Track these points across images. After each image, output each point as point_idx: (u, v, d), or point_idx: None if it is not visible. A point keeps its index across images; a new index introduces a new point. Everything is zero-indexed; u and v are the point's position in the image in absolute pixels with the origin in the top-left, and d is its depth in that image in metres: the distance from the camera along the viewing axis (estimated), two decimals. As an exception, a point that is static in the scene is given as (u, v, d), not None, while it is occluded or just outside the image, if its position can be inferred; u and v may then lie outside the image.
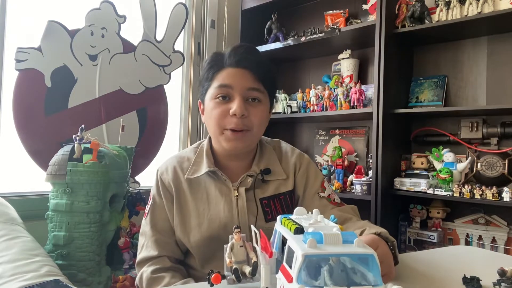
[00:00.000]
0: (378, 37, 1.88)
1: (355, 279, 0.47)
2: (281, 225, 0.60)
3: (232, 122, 0.94)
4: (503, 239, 1.75)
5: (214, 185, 1.00)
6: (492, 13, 1.65)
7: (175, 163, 1.06)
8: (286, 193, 1.03)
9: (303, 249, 0.46)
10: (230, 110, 0.93)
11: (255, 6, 2.44)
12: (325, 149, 2.39)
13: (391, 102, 1.92)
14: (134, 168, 1.84)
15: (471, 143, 1.88)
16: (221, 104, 0.95)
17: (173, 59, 2.12)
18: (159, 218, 1.02)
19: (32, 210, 1.54)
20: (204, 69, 1.01)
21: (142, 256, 1.00)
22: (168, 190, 1.02)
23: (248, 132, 0.96)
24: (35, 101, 1.70)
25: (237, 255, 0.64)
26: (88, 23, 1.83)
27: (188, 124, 2.44)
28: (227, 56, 0.98)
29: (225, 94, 0.95)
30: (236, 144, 0.96)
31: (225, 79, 0.95)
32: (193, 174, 1.01)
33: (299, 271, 0.45)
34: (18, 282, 0.98)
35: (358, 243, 0.48)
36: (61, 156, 1.45)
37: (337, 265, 0.48)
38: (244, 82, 0.95)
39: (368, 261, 0.47)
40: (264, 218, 0.99)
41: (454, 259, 0.91)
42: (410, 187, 1.86)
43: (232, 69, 0.96)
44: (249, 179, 1.00)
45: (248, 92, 0.95)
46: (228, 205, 0.98)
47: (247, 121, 0.95)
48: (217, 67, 0.97)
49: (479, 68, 1.93)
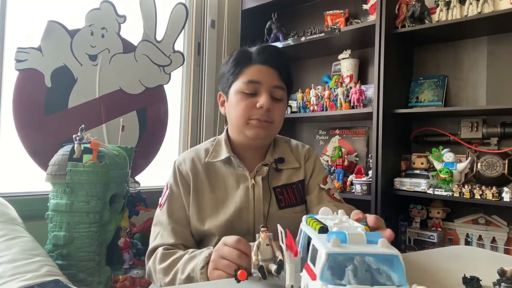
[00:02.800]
0: (378, 37, 1.88)
1: (379, 279, 0.47)
2: (306, 225, 0.61)
3: (258, 113, 1.00)
4: (503, 239, 1.75)
5: (231, 173, 1.05)
6: (492, 13, 1.65)
7: (192, 154, 1.09)
8: (298, 182, 1.09)
9: (326, 248, 0.47)
10: (257, 103, 1.00)
11: (255, 6, 2.44)
12: (325, 149, 2.39)
13: (391, 102, 1.92)
14: (134, 168, 1.84)
15: (471, 143, 1.88)
16: (248, 97, 1.01)
17: (173, 59, 2.12)
18: (176, 207, 1.03)
19: (32, 210, 1.54)
20: (229, 64, 1.06)
21: (157, 243, 0.99)
22: (185, 180, 1.05)
23: (271, 125, 1.03)
24: (35, 101, 1.70)
25: (264, 253, 0.65)
26: (88, 23, 1.83)
27: (188, 124, 2.44)
28: (255, 53, 1.03)
29: (252, 90, 1.01)
30: (260, 131, 1.02)
31: (254, 75, 1.01)
32: (214, 158, 1.06)
33: (322, 269, 0.46)
34: (18, 282, 0.98)
35: (383, 244, 0.48)
36: (61, 156, 1.45)
37: (361, 265, 0.48)
38: (271, 79, 1.02)
39: (393, 262, 0.48)
40: (278, 205, 1.04)
41: (454, 259, 0.91)
42: (410, 187, 1.86)
43: (261, 66, 1.02)
44: (264, 168, 1.06)
45: (274, 89, 1.02)
46: (244, 193, 1.02)
47: (272, 114, 1.01)
48: (245, 63, 1.03)
49: (479, 68, 1.93)
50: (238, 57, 1.05)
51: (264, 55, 1.02)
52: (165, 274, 0.91)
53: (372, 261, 0.48)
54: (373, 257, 0.48)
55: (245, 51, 1.06)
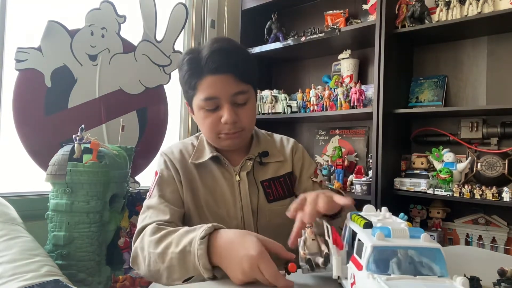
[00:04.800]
0: (378, 37, 1.88)
1: (422, 271, 0.51)
2: (351, 221, 0.65)
3: (225, 128, 0.96)
4: (503, 239, 1.75)
5: (218, 169, 1.03)
6: (492, 13, 1.65)
7: (180, 146, 1.07)
8: (285, 175, 1.07)
9: (372, 241, 0.52)
10: (221, 119, 0.94)
11: (255, 6, 2.44)
12: (325, 149, 2.39)
13: (391, 102, 1.92)
14: (134, 168, 1.84)
15: (471, 143, 1.88)
16: (211, 114, 0.96)
17: (173, 59, 2.12)
18: (168, 190, 0.98)
19: (32, 210, 1.54)
20: (183, 75, 0.97)
21: (147, 222, 0.91)
22: (175, 166, 1.01)
23: (242, 132, 0.99)
24: (35, 101, 1.70)
25: (310, 248, 0.70)
26: (88, 23, 1.83)
27: (188, 124, 2.44)
28: (204, 61, 0.92)
29: (212, 106, 0.94)
30: (233, 142, 0.99)
31: (209, 91, 0.93)
32: (197, 159, 1.03)
33: (368, 260, 0.51)
34: (18, 282, 0.98)
35: (425, 238, 0.52)
36: (61, 156, 1.45)
37: (405, 258, 0.51)
38: (229, 88, 0.93)
39: (435, 255, 0.51)
40: (266, 199, 1.02)
41: (454, 259, 0.91)
42: (410, 187, 1.86)
43: (213, 77, 0.92)
44: (248, 163, 1.03)
45: (235, 97, 0.94)
46: (230, 189, 1.01)
47: (239, 123, 0.96)
48: (197, 75, 0.94)
49: (479, 68, 1.93)
50: (190, 68, 0.95)
51: (214, 63, 0.91)
52: (155, 247, 0.81)
53: (415, 255, 0.52)
54: (416, 250, 0.51)
55: (194, 59, 0.94)
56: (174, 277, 0.78)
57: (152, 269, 0.82)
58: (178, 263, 0.77)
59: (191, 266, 0.75)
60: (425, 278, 0.49)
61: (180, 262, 0.76)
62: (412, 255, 0.52)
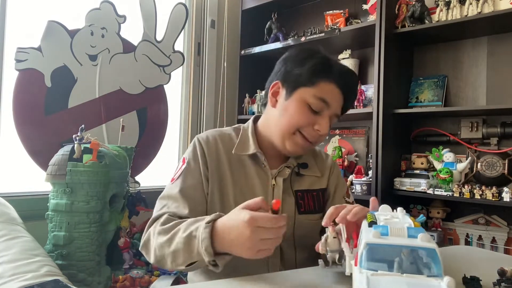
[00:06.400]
0: (378, 37, 1.88)
1: (414, 270, 0.51)
2: (364, 220, 0.67)
3: (311, 133, 0.97)
4: (503, 239, 1.75)
5: (254, 169, 1.01)
6: (492, 13, 1.65)
7: (216, 135, 1.04)
8: (319, 190, 1.07)
9: (366, 238, 0.53)
10: (315, 125, 0.96)
11: (255, 6, 2.43)
12: (325, 149, 2.39)
13: (391, 102, 1.92)
14: (134, 168, 1.84)
15: (471, 143, 1.88)
16: (311, 113, 0.96)
17: (173, 59, 2.12)
18: (191, 183, 0.95)
19: (32, 210, 1.54)
20: (305, 64, 0.96)
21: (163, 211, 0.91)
22: (205, 156, 0.98)
23: (313, 145, 1.01)
24: (35, 101, 1.70)
25: (331, 245, 0.73)
26: (88, 23, 1.83)
27: (188, 124, 2.44)
28: (337, 72, 0.97)
29: (318, 108, 0.96)
30: (299, 150, 1.00)
31: (328, 95, 0.96)
32: (241, 151, 1.00)
33: (361, 256, 0.52)
34: (18, 282, 0.98)
35: (422, 238, 0.52)
36: (61, 156, 1.45)
37: (407, 258, 0.52)
38: (338, 106, 0.99)
39: (430, 255, 0.51)
40: (297, 209, 1.01)
41: (454, 259, 0.91)
42: (410, 187, 1.86)
43: (336, 88, 0.96)
44: (286, 170, 1.02)
45: (334, 116, 1.00)
46: (263, 192, 0.99)
47: (323, 138, 1.01)
48: (324, 76, 0.96)
49: (479, 68, 1.93)
50: (318, 65, 0.96)
51: (344, 81, 0.97)
52: (165, 234, 0.83)
53: (411, 254, 0.53)
54: (410, 249, 0.52)
55: (326, 60, 0.98)
56: (178, 261, 0.80)
57: (158, 254, 0.84)
58: (183, 247, 0.78)
59: (195, 251, 0.76)
60: (412, 276, 0.50)
61: (185, 246, 0.78)
62: (408, 254, 0.52)
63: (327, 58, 0.99)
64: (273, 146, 1.02)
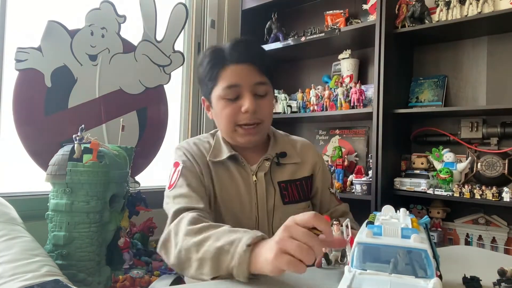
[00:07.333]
0: (378, 37, 1.88)
1: (405, 271, 0.52)
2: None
3: (244, 118, 0.96)
4: (503, 239, 1.75)
5: (235, 168, 1.03)
6: (492, 13, 1.65)
7: (196, 140, 1.07)
8: (302, 179, 1.07)
9: (358, 238, 0.53)
10: (241, 108, 0.95)
11: (255, 6, 2.44)
12: (325, 149, 2.39)
13: (391, 102, 1.92)
14: (134, 168, 1.84)
15: (471, 143, 1.88)
16: (231, 103, 0.97)
17: (173, 59, 2.12)
18: (193, 179, 0.96)
19: (32, 210, 1.54)
20: (205, 67, 1.00)
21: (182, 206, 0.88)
22: (195, 159, 1.01)
23: (260, 125, 1.00)
24: (35, 101, 1.70)
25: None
26: (88, 23, 1.83)
27: (188, 124, 2.44)
28: (227, 52, 0.97)
29: (233, 95, 0.96)
30: (250, 138, 1.00)
31: (231, 79, 0.95)
32: (215, 157, 1.02)
33: (352, 256, 0.53)
34: (18, 282, 0.98)
35: (415, 238, 0.51)
36: (61, 156, 1.45)
37: (403, 259, 0.52)
38: (251, 78, 0.96)
39: (421, 256, 0.51)
40: (282, 200, 1.02)
41: (454, 259, 0.91)
42: (410, 187, 1.86)
43: (236, 66, 0.96)
44: (266, 163, 1.03)
45: (256, 87, 0.97)
46: (247, 189, 1.00)
47: (259, 114, 0.98)
48: (220, 65, 0.97)
49: (479, 68, 1.93)
50: (212, 59, 0.98)
51: (237, 52, 0.96)
52: (193, 236, 0.77)
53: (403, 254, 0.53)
54: (400, 249, 0.52)
55: (217, 50, 0.99)
56: (203, 271, 0.74)
57: (183, 257, 0.77)
58: (211, 258, 0.72)
59: (223, 266, 0.70)
60: (400, 276, 0.50)
61: (214, 258, 0.72)
62: (404, 255, 0.52)
63: (216, 47, 1.00)
64: (246, 148, 1.05)
